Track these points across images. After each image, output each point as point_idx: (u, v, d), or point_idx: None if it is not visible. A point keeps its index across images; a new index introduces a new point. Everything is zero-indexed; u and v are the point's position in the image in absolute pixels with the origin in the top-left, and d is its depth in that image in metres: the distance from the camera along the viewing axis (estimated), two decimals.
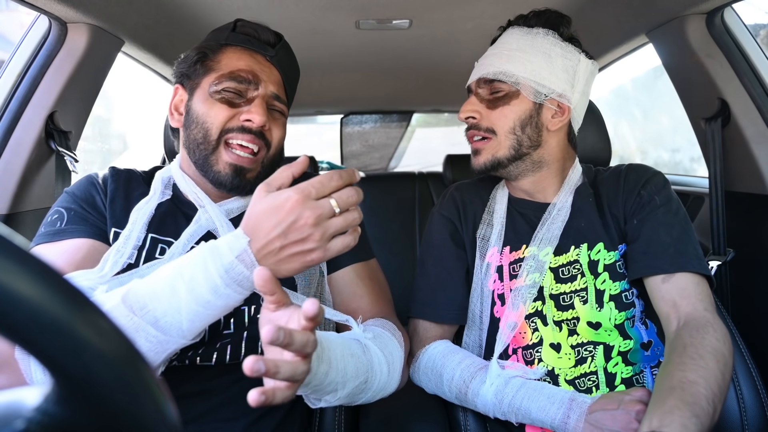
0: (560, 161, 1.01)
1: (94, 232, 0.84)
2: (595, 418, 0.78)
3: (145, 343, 0.63)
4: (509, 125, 0.95)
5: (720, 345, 0.79)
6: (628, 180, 0.99)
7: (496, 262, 0.99)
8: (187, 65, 0.90)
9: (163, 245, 0.85)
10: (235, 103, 0.86)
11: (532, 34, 0.97)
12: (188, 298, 0.63)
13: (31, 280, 0.26)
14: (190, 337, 0.66)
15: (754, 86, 1.23)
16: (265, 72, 0.89)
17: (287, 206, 0.61)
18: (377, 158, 3.48)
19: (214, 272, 0.63)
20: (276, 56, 0.92)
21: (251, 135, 0.85)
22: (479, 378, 0.88)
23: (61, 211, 0.85)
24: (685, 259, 0.88)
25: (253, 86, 0.87)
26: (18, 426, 0.28)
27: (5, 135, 1.17)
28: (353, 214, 0.63)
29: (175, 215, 0.89)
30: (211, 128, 0.85)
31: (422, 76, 2.21)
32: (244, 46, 0.90)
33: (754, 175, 1.25)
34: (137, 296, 0.64)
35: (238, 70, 0.86)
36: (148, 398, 0.30)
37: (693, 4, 1.18)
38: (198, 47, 0.92)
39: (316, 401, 0.66)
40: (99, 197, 0.88)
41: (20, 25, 1.29)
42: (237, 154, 0.86)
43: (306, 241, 0.61)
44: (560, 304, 0.93)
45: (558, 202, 0.99)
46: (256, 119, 0.84)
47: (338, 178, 0.62)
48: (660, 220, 0.92)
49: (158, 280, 0.65)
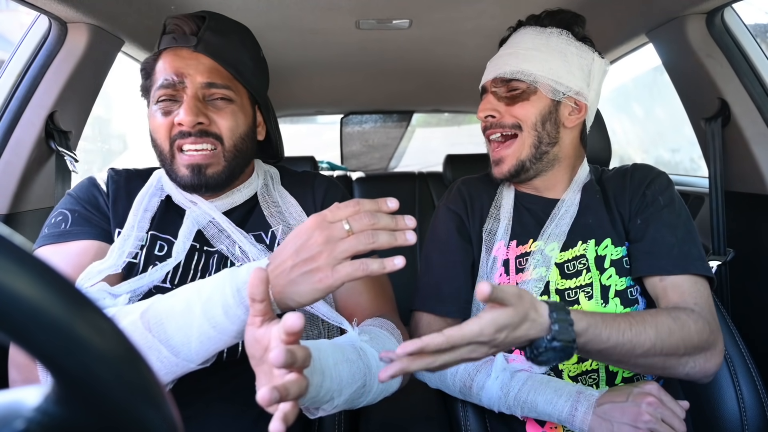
0: (571, 158, 1.02)
1: (99, 234, 0.84)
2: (603, 410, 0.78)
3: (156, 363, 0.63)
4: (532, 120, 0.95)
5: (686, 317, 0.80)
6: (634, 179, 0.99)
7: (503, 256, 0.98)
8: (142, 82, 0.91)
9: (162, 243, 0.86)
10: (171, 111, 0.85)
11: (546, 33, 0.97)
12: (201, 319, 0.63)
13: (30, 280, 0.26)
14: (198, 362, 0.66)
15: (754, 86, 1.23)
16: (191, 65, 0.85)
17: (303, 228, 0.63)
18: (377, 158, 3.48)
19: (228, 292, 0.63)
20: (200, 43, 0.86)
21: (192, 137, 0.84)
22: (484, 371, 0.88)
23: (65, 212, 0.85)
24: (688, 262, 0.88)
25: (181, 85, 0.84)
26: (18, 426, 0.28)
27: (5, 135, 1.17)
28: (365, 236, 0.62)
29: (172, 213, 0.90)
30: (161, 142, 0.86)
31: (422, 76, 2.21)
32: (170, 46, 0.87)
33: (754, 175, 1.25)
34: (155, 312, 0.65)
35: (165, 75, 0.85)
36: (148, 398, 0.30)
37: (693, 4, 1.18)
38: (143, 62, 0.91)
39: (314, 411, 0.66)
40: (101, 198, 0.88)
41: (20, 25, 1.29)
42: (190, 154, 0.85)
43: (314, 259, 0.62)
44: (565, 299, 0.93)
45: (567, 199, 1.00)
46: (185, 120, 0.82)
47: (355, 204, 0.63)
48: (664, 221, 0.92)
49: (177, 297, 0.66)
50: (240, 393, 0.84)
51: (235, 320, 0.64)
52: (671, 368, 0.80)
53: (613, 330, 0.74)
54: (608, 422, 0.77)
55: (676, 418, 0.77)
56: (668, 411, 0.77)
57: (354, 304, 0.90)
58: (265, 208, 0.94)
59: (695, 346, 0.79)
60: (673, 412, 0.77)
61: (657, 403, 0.77)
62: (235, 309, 0.63)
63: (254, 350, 0.58)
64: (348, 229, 0.61)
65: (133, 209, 0.86)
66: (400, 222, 0.63)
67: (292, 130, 4.09)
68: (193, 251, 0.88)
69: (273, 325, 0.56)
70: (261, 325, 0.57)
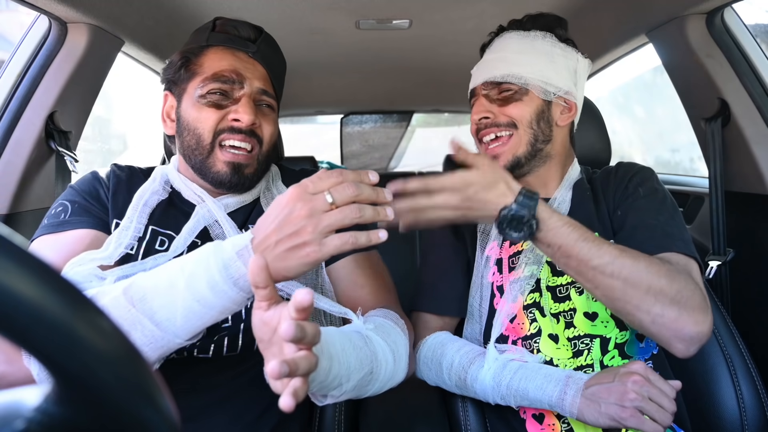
0: (563, 156, 1.03)
1: (96, 223, 0.85)
2: (591, 392, 0.78)
3: (141, 337, 0.63)
4: (528, 118, 0.97)
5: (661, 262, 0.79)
6: (618, 175, 1.02)
7: (496, 255, 1.00)
8: (173, 71, 0.91)
9: (163, 238, 0.86)
10: (222, 105, 0.87)
11: (530, 37, 0.99)
12: (185, 294, 0.63)
13: (31, 280, 0.26)
14: (185, 337, 0.65)
15: (754, 86, 1.23)
16: (249, 69, 0.89)
17: (284, 201, 0.62)
18: (377, 158, 3.48)
19: (213, 267, 0.63)
20: (258, 51, 0.91)
21: (242, 134, 0.87)
22: (477, 363, 0.89)
23: (65, 203, 0.86)
24: (671, 241, 0.87)
25: (238, 85, 0.87)
26: (18, 426, 0.28)
27: (5, 135, 1.17)
28: (351, 209, 0.61)
29: (175, 211, 0.90)
30: (203, 133, 0.86)
31: (422, 76, 2.21)
32: (224, 45, 0.90)
33: (754, 175, 1.25)
34: (138, 288, 0.64)
35: (221, 71, 0.87)
36: (148, 398, 0.30)
37: (693, 4, 1.18)
38: (181, 51, 0.92)
39: (322, 398, 0.66)
40: (102, 190, 0.89)
41: (20, 25, 1.29)
42: (232, 152, 0.87)
43: (299, 234, 0.61)
44: (557, 295, 0.94)
45: (558, 197, 1.01)
46: (245, 118, 0.85)
47: (338, 175, 0.62)
48: (644, 208, 0.93)
49: (160, 274, 0.65)
50: (242, 393, 0.84)
51: (222, 295, 0.63)
52: (633, 304, 0.76)
53: (577, 231, 0.78)
54: (596, 403, 0.77)
55: (664, 396, 0.75)
56: (655, 389, 0.75)
57: (356, 297, 0.90)
58: (265, 205, 0.95)
59: (664, 292, 0.75)
60: (661, 391, 0.75)
61: (643, 381, 0.76)
62: (222, 285, 0.63)
63: (262, 333, 0.57)
64: (331, 201, 0.61)
65: (132, 203, 0.86)
66: (381, 194, 0.63)
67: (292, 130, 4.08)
68: (194, 247, 0.87)
69: (281, 306, 0.56)
70: (268, 308, 0.57)
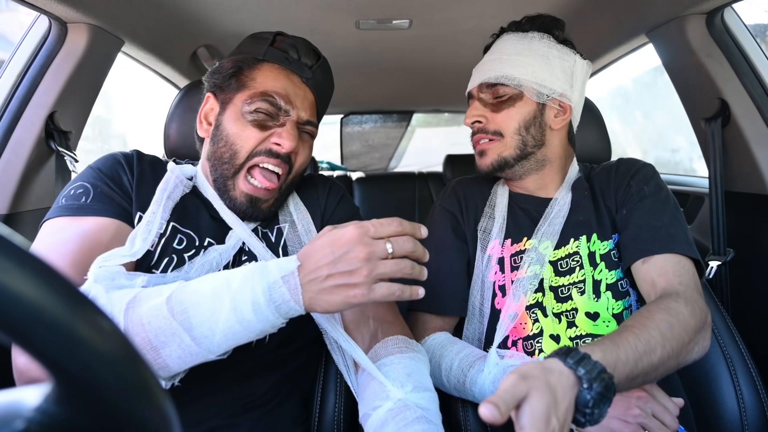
0: (561, 159, 1.04)
1: (119, 213, 0.80)
2: None
3: (176, 350, 0.62)
4: (514, 126, 0.98)
5: (676, 304, 0.77)
6: (619, 172, 1.02)
7: (497, 254, 1.00)
8: (222, 78, 0.88)
9: (182, 236, 0.84)
10: (266, 126, 0.84)
11: (528, 38, 0.99)
12: (229, 314, 0.62)
13: (31, 280, 0.26)
14: (218, 353, 0.65)
15: (754, 86, 1.23)
16: (299, 95, 0.86)
17: (344, 238, 0.63)
18: (377, 158, 3.49)
19: (258, 289, 0.63)
20: (312, 78, 0.89)
21: (278, 159, 0.84)
22: (477, 367, 0.88)
23: (86, 186, 0.81)
24: (673, 242, 0.88)
25: (284, 111, 0.85)
26: (18, 426, 0.28)
27: (5, 135, 1.17)
28: (406, 264, 0.63)
29: (198, 209, 0.88)
30: (240, 151, 0.84)
31: (422, 76, 2.21)
32: (281, 64, 0.87)
33: (754, 175, 1.25)
34: (180, 299, 0.63)
35: (273, 92, 0.84)
36: (148, 398, 0.30)
37: (693, 4, 1.19)
38: (234, 60, 0.88)
39: None
40: (126, 177, 0.84)
41: (20, 25, 1.29)
42: (254, 185, 0.84)
43: (353, 275, 0.61)
44: (559, 296, 0.94)
45: (559, 198, 1.01)
46: (286, 144, 0.83)
47: (398, 224, 0.63)
48: (648, 208, 0.93)
49: (204, 287, 0.64)
50: (243, 392, 0.84)
51: (262, 319, 0.63)
52: (683, 358, 0.77)
53: (623, 345, 0.69)
54: None
55: (667, 413, 0.76)
56: (659, 406, 0.76)
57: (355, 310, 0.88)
58: (282, 221, 0.94)
59: (694, 329, 0.77)
60: (664, 408, 0.76)
61: (647, 398, 0.77)
62: (264, 309, 0.63)
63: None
64: (391, 252, 0.62)
65: (156, 195, 0.82)
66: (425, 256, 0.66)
67: None
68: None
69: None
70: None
